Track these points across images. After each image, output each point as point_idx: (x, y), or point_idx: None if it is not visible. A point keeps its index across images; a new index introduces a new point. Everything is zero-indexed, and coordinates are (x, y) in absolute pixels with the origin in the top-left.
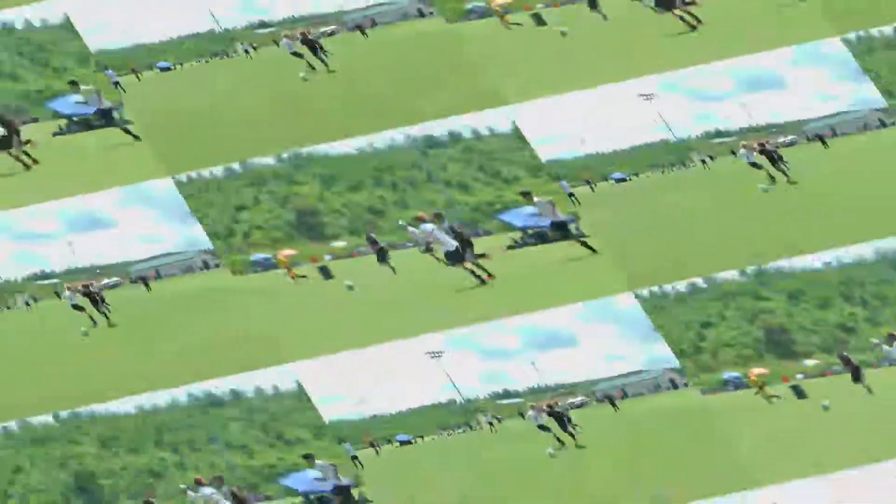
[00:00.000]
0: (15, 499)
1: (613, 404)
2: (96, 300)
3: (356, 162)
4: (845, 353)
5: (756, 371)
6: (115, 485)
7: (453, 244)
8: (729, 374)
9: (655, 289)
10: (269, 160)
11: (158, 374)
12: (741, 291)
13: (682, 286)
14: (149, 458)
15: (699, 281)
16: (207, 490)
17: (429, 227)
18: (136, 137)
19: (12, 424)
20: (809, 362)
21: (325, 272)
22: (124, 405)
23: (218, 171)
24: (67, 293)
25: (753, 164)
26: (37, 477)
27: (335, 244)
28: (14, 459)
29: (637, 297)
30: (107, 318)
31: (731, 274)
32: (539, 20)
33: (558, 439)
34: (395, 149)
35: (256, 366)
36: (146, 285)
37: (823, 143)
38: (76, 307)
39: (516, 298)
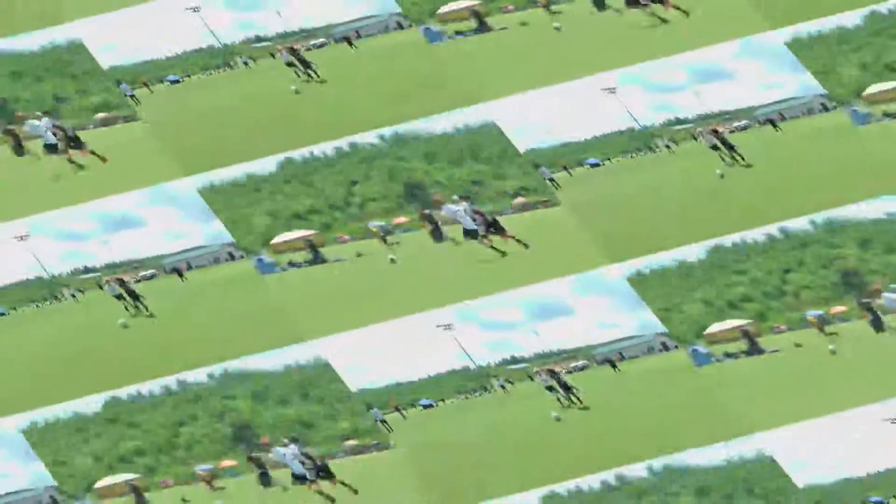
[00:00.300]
0: (181, 448)
1: (613, 366)
2: (134, 292)
3: (454, 141)
4: (865, 300)
5: (835, 309)
6: (272, 435)
7: (473, 225)
8: (812, 312)
9: (737, 240)
10: (374, 139)
11: (199, 352)
12: (815, 240)
13: (760, 238)
14: (298, 410)
15: (775, 232)
16: (281, 450)
17: (452, 207)
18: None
19: (172, 383)
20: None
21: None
22: (269, 363)
23: (329, 150)
24: (108, 286)
25: (714, 147)
26: (199, 429)
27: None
28: (176, 414)
29: (718, 246)
30: (145, 306)
31: (804, 225)
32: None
33: (562, 401)
34: (486, 128)
35: (282, 343)
36: (180, 276)
37: (774, 126)
38: (119, 297)
39: (514, 274)
